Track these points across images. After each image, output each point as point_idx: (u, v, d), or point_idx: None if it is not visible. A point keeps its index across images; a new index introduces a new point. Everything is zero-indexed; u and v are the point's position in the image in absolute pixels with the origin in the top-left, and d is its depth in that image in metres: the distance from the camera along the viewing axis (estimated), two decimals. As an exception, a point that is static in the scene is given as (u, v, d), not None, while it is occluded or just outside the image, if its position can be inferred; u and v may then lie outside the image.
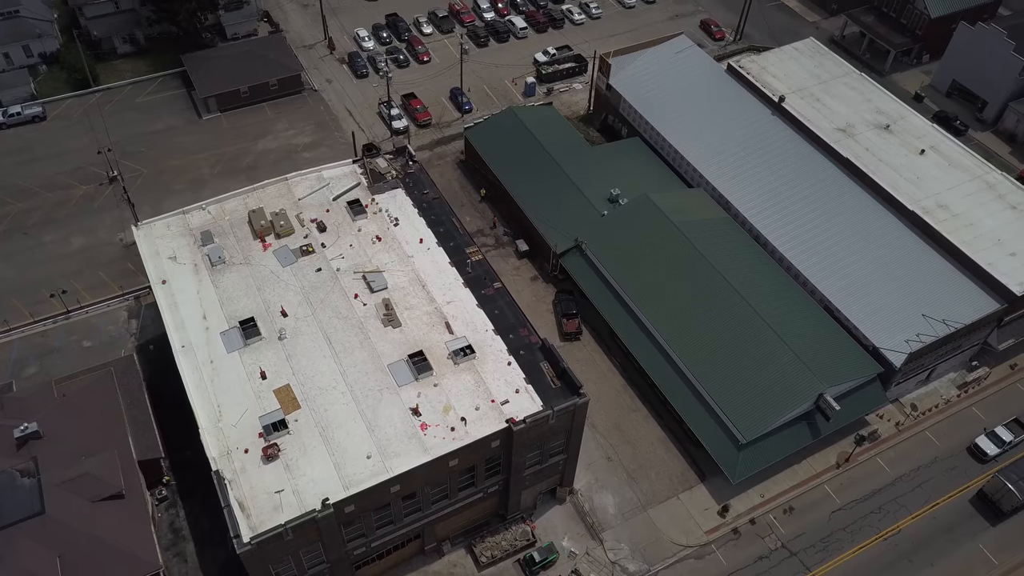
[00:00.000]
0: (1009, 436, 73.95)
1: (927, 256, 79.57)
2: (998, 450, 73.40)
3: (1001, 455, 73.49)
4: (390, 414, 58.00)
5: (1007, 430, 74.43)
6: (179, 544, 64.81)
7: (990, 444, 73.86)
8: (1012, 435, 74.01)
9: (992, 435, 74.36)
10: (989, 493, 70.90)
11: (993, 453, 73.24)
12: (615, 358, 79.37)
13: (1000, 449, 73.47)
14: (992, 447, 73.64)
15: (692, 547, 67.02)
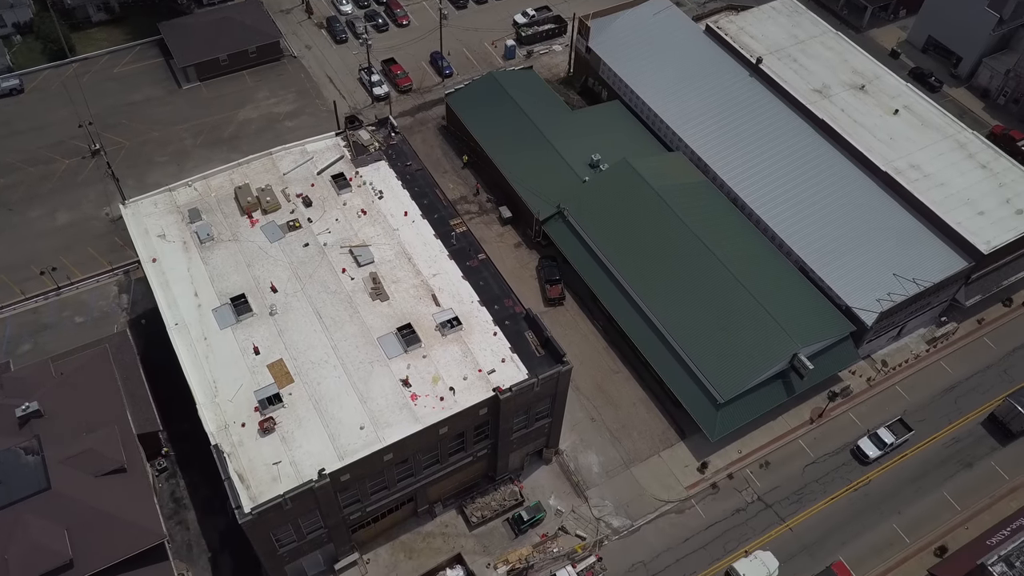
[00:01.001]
0: (891, 438, 72.69)
1: (899, 216, 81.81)
2: (879, 452, 72.20)
3: (883, 457, 72.72)
4: (381, 385, 60.12)
5: (889, 432, 73.17)
6: (180, 512, 67.32)
7: (871, 446, 72.67)
8: (894, 436, 72.77)
9: (874, 437, 73.19)
10: (1000, 416, 75.28)
11: (874, 455, 72.04)
12: (597, 322, 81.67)
13: (881, 451, 72.30)
14: (874, 449, 72.49)
15: (673, 502, 70.25)
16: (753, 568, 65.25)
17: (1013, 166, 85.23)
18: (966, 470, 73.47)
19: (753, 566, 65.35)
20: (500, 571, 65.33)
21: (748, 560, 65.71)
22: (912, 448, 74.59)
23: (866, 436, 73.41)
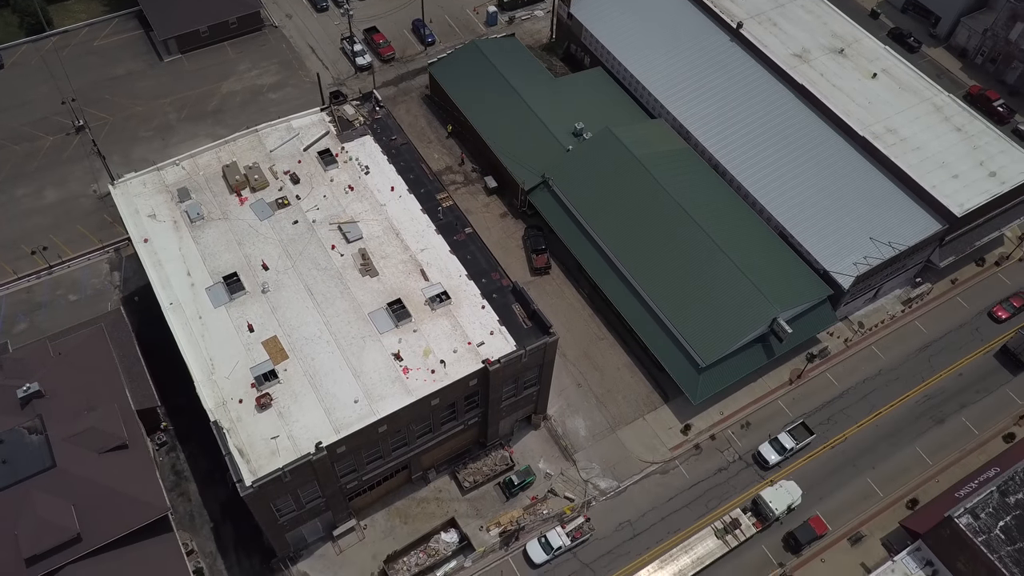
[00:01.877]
0: (792, 443, 72.41)
1: (876, 180, 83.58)
2: (780, 457, 71.92)
3: (784, 462, 72.50)
4: (374, 360, 61.96)
5: (790, 436, 72.84)
6: (182, 485, 69.48)
7: (772, 451, 72.33)
8: (795, 441, 72.54)
9: (775, 442, 72.81)
10: (1012, 348, 79.99)
11: (774, 460, 71.77)
12: (583, 290, 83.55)
13: (782, 456, 72.03)
14: (774, 454, 72.12)
15: (657, 463, 72.99)
16: (778, 496, 69.40)
17: (987, 128, 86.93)
18: (938, 426, 76.49)
19: (779, 494, 69.55)
20: (492, 533, 68.09)
21: (773, 489, 69.86)
22: (887, 406, 77.44)
23: (767, 442, 72.89)
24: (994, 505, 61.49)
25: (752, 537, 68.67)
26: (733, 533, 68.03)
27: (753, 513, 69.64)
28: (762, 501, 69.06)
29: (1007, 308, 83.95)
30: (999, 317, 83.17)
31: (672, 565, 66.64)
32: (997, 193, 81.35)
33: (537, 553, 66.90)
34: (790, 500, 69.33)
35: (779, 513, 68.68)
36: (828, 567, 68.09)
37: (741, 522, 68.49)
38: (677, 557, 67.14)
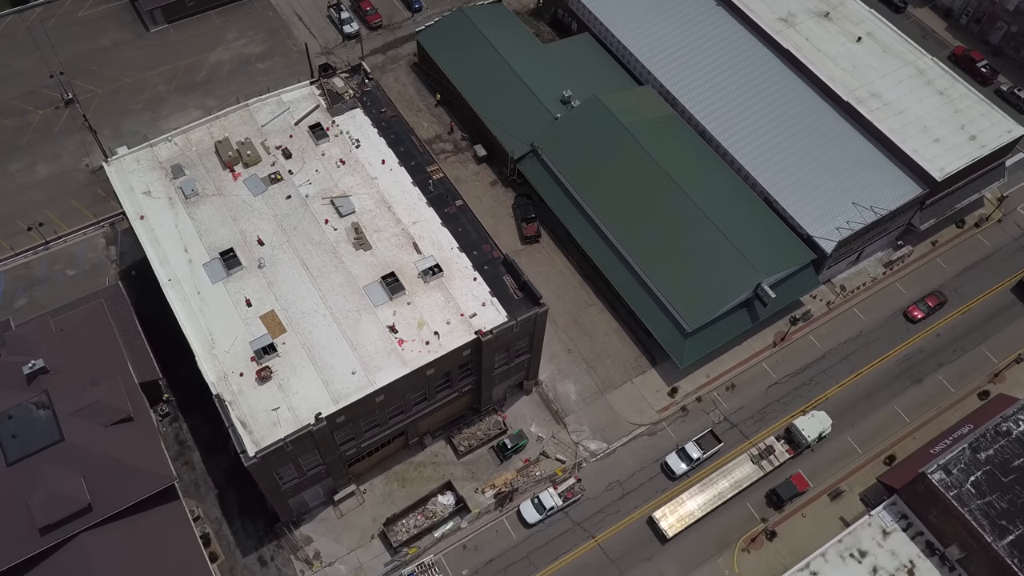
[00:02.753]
0: (699, 452, 72.19)
1: (859, 144, 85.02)
2: (686, 467, 71.83)
3: (691, 471, 72.41)
4: (369, 332, 63.84)
5: (697, 446, 72.51)
6: (186, 454, 71.77)
7: (679, 462, 72.16)
8: (702, 451, 72.28)
9: (682, 452, 72.66)
10: None
11: (680, 472, 71.65)
12: (572, 257, 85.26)
13: (688, 467, 71.93)
14: (681, 465, 71.96)
15: (646, 425, 75.59)
16: (811, 424, 73.70)
17: (969, 91, 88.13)
18: (916, 385, 79.21)
19: (811, 423, 73.71)
20: (487, 495, 70.81)
21: (807, 418, 74.06)
22: (867, 366, 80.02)
23: (674, 452, 72.75)
24: (966, 461, 64.36)
25: (785, 463, 72.79)
26: (768, 459, 72.53)
27: (786, 441, 74.04)
28: (795, 429, 73.46)
29: (921, 308, 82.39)
30: (914, 317, 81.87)
31: (712, 488, 70.99)
32: (977, 156, 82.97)
33: (530, 513, 69.73)
34: (821, 428, 73.57)
35: (811, 440, 73.04)
36: (809, 521, 71.23)
37: (775, 449, 73.00)
38: (716, 481, 71.41)
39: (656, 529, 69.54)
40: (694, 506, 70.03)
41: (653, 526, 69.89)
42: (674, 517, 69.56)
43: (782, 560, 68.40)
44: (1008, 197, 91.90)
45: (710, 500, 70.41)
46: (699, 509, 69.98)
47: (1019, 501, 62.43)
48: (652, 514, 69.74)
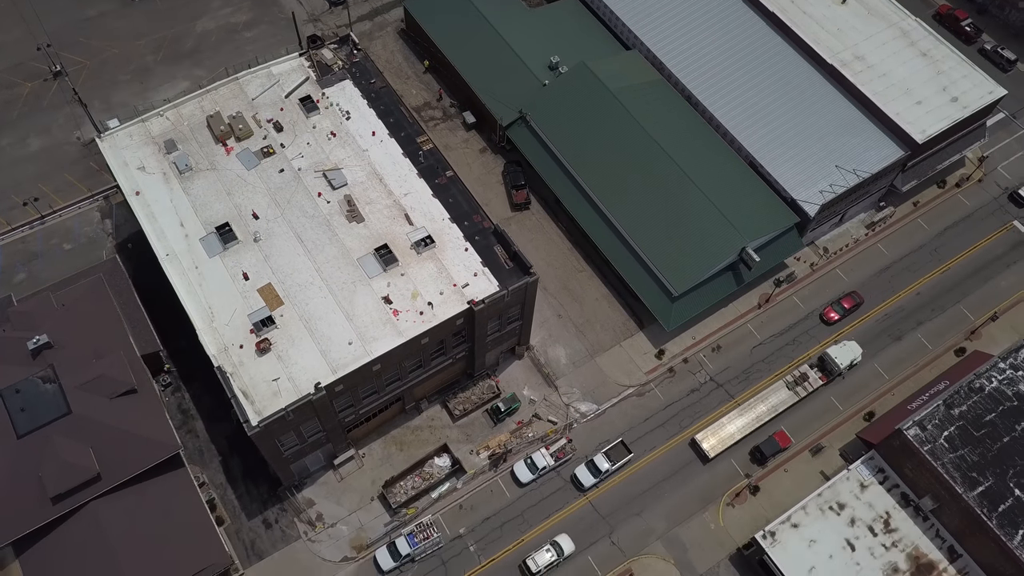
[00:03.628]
0: (607, 464, 71.53)
1: (842, 108, 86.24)
2: (594, 480, 71.42)
3: (601, 482, 71.93)
4: (365, 303, 65.62)
5: (605, 458, 71.85)
6: (189, 423, 73.97)
7: (587, 474, 71.69)
8: (611, 463, 71.58)
9: (590, 464, 71.96)
10: None
11: (589, 484, 71.30)
12: (562, 224, 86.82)
13: (597, 479, 71.49)
14: (589, 477, 71.55)
15: (634, 386, 78.05)
16: (843, 353, 77.71)
17: (952, 53, 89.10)
18: (895, 343, 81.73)
19: (843, 351, 77.76)
20: (482, 456, 73.44)
21: (839, 347, 78.01)
22: (849, 324, 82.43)
23: (583, 464, 72.33)
24: (940, 417, 67.11)
25: (818, 389, 77.03)
26: (802, 385, 76.47)
27: (819, 368, 77.97)
28: (828, 357, 77.43)
29: (837, 310, 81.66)
30: (829, 319, 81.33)
31: (750, 412, 75.32)
32: (958, 118, 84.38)
33: (524, 473, 72.45)
34: (852, 356, 77.48)
35: (843, 368, 76.92)
36: (790, 476, 74.25)
37: (809, 376, 76.88)
38: (754, 406, 75.65)
39: (698, 450, 74.24)
40: (734, 429, 74.56)
41: (695, 448, 74.40)
42: (715, 439, 74.07)
43: (765, 513, 71.51)
44: (988, 157, 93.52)
45: (748, 423, 74.90)
46: (738, 431, 74.50)
47: (989, 454, 65.36)
48: (695, 436, 74.30)
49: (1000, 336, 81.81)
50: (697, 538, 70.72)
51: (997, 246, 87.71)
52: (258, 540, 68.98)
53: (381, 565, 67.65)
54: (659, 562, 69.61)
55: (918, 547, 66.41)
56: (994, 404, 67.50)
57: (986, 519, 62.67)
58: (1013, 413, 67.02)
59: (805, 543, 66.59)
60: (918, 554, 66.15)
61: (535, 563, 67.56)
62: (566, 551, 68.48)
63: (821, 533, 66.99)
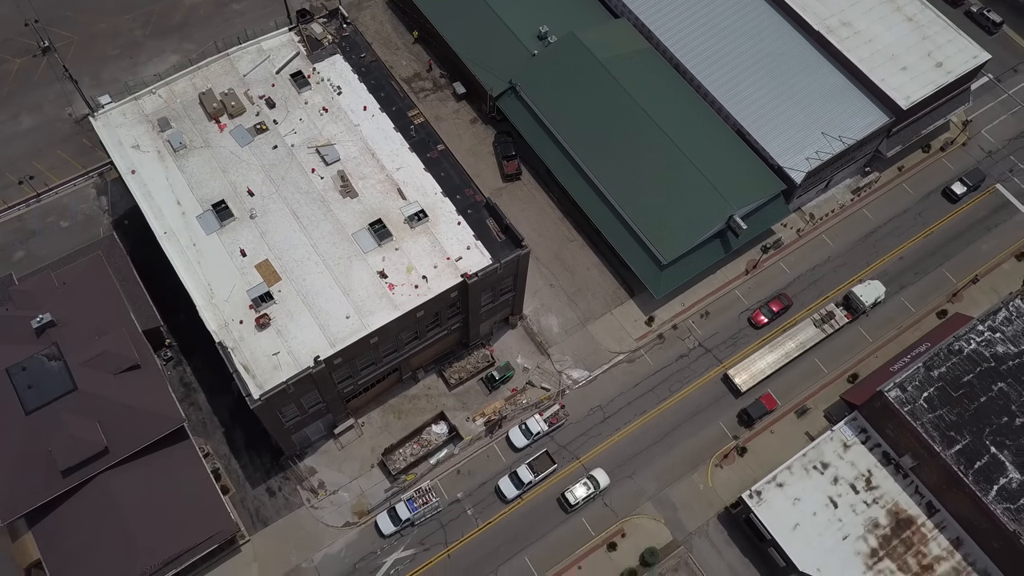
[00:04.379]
0: (530, 476, 71.71)
1: (828, 74, 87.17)
2: (517, 491, 71.58)
3: (524, 492, 72.08)
4: (361, 278, 67.12)
5: (529, 470, 72.06)
6: (191, 395, 75.82)
7: (510, 486, 71.79)
8: (534, 475, 71.83)
9: (514, 476, 72.02)
10: None
11: (512, 495, 71.42)
12: (553, 194, 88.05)
13: (520, 491, 71.65)
14: (512, 489, 71.59)
15: (624, 353, 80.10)
16: (868, 291, 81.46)
17: (937, 17, 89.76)
18: (879, 306, 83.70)
19: (868, 289, 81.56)
20: (478, 423, 75.65)
21: (863, 285, 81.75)
22: (833, 290, 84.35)
23: (506, 476, 72.28)
24: (920, 379, 69.40)
25: (844, 327, 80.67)
26: (829, 323, 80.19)
27: (844, 307, 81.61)
28: (853, 296, 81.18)
29: (765, 314, 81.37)
30: (758, 323, 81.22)
31: (780, 349, 79.23)
32: (942, 84, 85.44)
33: (518, 438, 74.75)
34: (876, 295, 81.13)
35: (867, 306, 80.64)
36: (777, 437, 76.76)
37: (835, 314, 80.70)
38: (783, 343, 79.50)
39: (731, 385, 77.98)
40: (764, 364, 78.44)
41: (728, 383, 78.17)
42: (747, 374, 77.96)
43: (752, 474, 74.14)
44: (972, 121, 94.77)
45: (778, 359, 78.72)
46: (769, 367, 78.38)
47: (967, 414, 67.82)
48: (727, 372, 78.11)
49: (981, 298, 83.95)
50: (687, 498, 73.39)
51: (979, 209, 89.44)
52: (262, 508, 71.34)
53: (382, 530, 70.18)
54: (650, 522, 72.33)
55: (898, 503, 69.18)
56: (972, 365, 69.79)
57: (963, 476, 65.29)
58: (990, 374, 69.37)
59: (790, 501, 69.27)
60: (898, 510, 68.93)
61: (573, 495, 71.55)
62: (602, 484, 72.37)
63: (805, 491, 69.64)
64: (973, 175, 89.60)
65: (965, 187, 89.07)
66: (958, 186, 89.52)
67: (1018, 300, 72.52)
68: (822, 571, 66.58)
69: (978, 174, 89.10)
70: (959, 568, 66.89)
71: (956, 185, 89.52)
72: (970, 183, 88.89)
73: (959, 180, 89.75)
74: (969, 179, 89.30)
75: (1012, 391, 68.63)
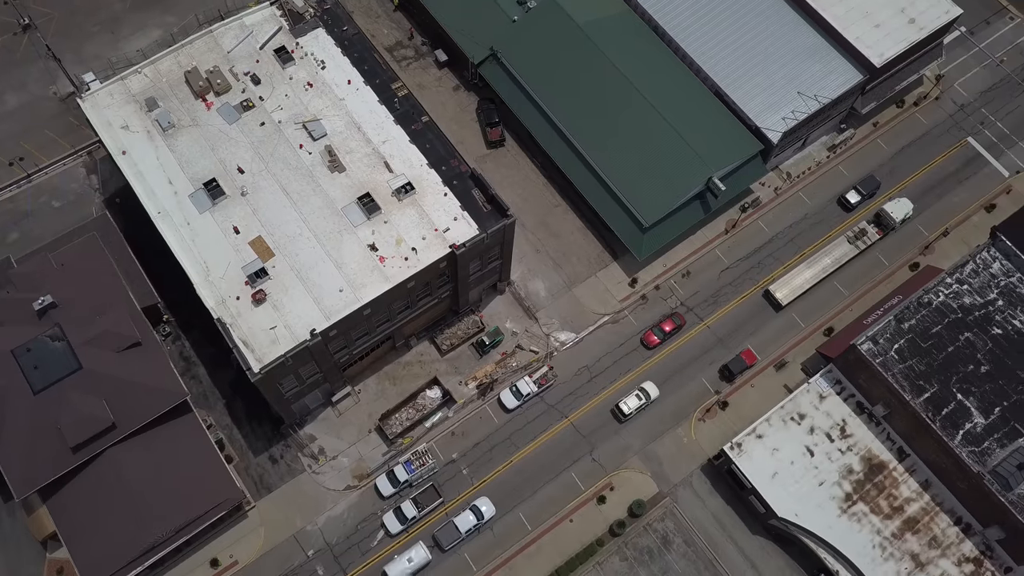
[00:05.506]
0: (413, 512, 71.67)
1: (804, 34, 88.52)
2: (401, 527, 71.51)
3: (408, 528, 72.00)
4: (352, 251, 69.16)
5: (413, 505, 71.96)
6: (192, 369, 78.24)
7: (395, 521, 71.78)
8: (418, 510, 71.78)
9: (398, 511, 71.86)
10: None
11: (397, 530, 71.39)
12: (536, 160, 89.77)
13: (403, 526, 71.49)
14: (396, 524, 71.55)
15: (609, 314, 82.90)
16: (897, 208, 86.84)
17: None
18: (854, 260, 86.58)
19: (897, 206, 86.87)
20: (470, 387, 78.61)
21: (893, 202, 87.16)
22: (810, 247, 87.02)
23: (391, 511, 72.19)
24: (891, 331, 72.63)
25: (875, 243, 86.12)
26: (862, 240, 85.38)
27: (875, 224, 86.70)
28: (884, 213, 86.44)
29: (657, 334, 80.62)
30: (650, 343, 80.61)
31: (817, 265, 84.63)
32: (915, 40, 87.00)
33: (509, 400, 77.85)
34: (905, 211, 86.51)
35: (897, 222, 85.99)
36: (757, 390, 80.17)
37: (867, 231, 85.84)
38: (820, 259, 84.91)
39: (772, 300, 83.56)
40: (802, 280, 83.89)
41: (769, 298, 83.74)
42: (787, 289, 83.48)
43: (733, 427, 77.68)
44: (945, 75, 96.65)
45: (815, 274, 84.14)
46: (806, 282, 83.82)
47: (935, 363, 71.27)
48: (768, 287, 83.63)
49: (952, 250, 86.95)
50: (671, 452, 77.00)
51: (951, 163, 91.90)
52: (266, 475, 74.43)
53: (382, 491, 73.50)
54: (637, 475, 75.98)
55: (870, 450, 72.99)
56: (940, 317, 73.03)
57: (931, 422, 68.96)
58: (957, 324, 72.66)
59: (769, 452, 72.94)
60: (870, 456, 72.76)
61: (627, 406, 77.20)
62: (652, 396, 77.94)
63: (783, 442, 73.29)
64: (867, 183, 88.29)
65: (860, 195, 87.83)
66: (853, 195, 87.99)
67: (984, 252, 75.52)
68: (799, 516, 70.57)
69: (872, 182, 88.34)
70: (928, 508, 71.04)
71: (851, 194, 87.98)
72: (864, 191, 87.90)
73: (854, 189, 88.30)
74: (863, 187, 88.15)
75: (978, 340, 72.04)
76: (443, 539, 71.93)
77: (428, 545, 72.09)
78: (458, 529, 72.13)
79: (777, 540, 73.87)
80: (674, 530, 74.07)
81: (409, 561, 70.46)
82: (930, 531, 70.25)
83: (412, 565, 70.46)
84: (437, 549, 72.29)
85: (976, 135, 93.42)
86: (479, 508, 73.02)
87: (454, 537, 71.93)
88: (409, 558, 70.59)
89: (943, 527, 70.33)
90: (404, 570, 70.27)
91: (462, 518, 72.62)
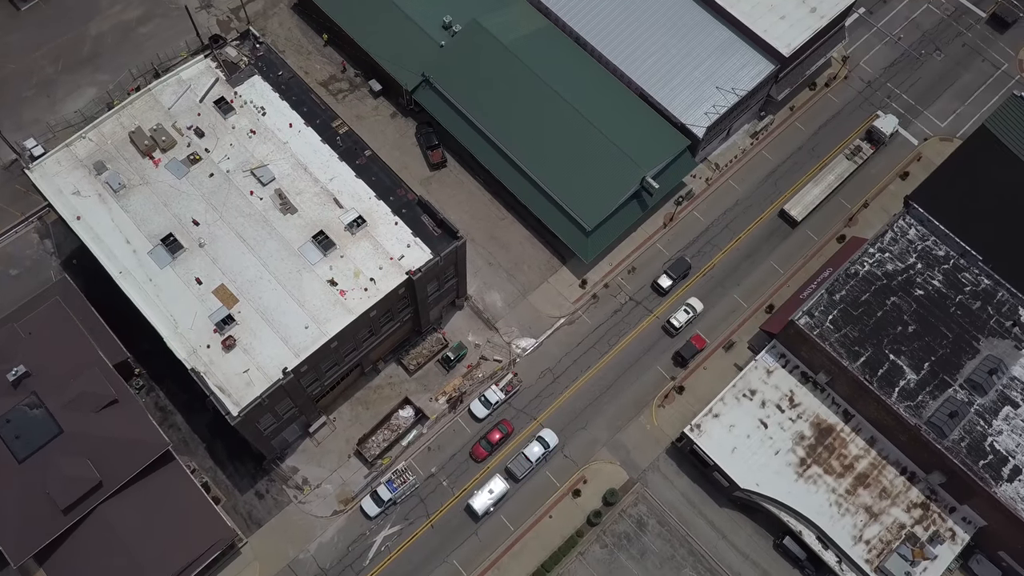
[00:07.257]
0: None
1: (716, 31, 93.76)
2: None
3: None
4: (313, 288, 72.19)
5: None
6: (169, 418, 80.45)
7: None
8: None
9: None
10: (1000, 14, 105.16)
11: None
12: (479, 177, 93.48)
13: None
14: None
15: (564, 316, 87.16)
16: (885, 123, 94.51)
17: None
18: (786, 239, 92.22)
19: (885, 122, 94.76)
20: (441, 402, 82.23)
21: (882, 119, 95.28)
22: (745, 231, 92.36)
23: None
24: (824, 304, 78.15)
25: (870, 158, 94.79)
26: (858, 155, 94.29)
27: (868, 140, 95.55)
28: (875, 129, 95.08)
29: (484, 447, 79.46)
30: (479, 456, 79.22)
31: (823, 181, 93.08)
32: (818, 27, 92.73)
33: (479, 409, 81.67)
34: (892, 126, 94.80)
35: (887, 136, 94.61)
36: (710, 372, 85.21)
37: (862, 147, 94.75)
38: (824, 177, 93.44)
39: (787, 218, 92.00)
40: (811, 197, 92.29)
41: (785, 216, 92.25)
42: (800, 206, 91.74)
43: (691, 408, 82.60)
44: (851, 55, 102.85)
45: (823, 190, 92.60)
46: (816, 198, 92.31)
47: (867, 329, 76.98)
48: (783, 207, 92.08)
49: (874, 219, 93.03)
50: (636, 440, 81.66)
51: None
52: (254, 510, 77.17)
53: (368, 512, 76.85)
54: (607, 465, 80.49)
55: (818, 415, 78.51)
56: (867, 285, 78.79)
57: (868, 383, 74.63)
58: (883, 290, 78.50)
59: (726, 429, 77.98)
60: (819, 421, 78.29)
61: (678, 320, 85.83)
62: (698, 309, 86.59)
63: (738, 418, 78.40)
64: (678, 266, 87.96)
65: (671, 279, 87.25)
66: (664, 279, 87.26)
67: (900, 220, 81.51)
68: (760, 485, 75.78)
69: (683, 264, 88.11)
70: (875, 463, 76.83)
71: (662, 279, 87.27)
72: (675, 275, 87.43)
73: (664, 273, 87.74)
74: (673, 271, 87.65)
75: (903, 303, 77.96)
76: (516, 469, 78.69)
77: (503, 477, 78.90)
78: (528, 459, 78.89)
79: (743, 510, 79.02)
80: (647, 513, 78.75)
81: (491, 493, 77.44)
82: (879, 483, 76.02)
83: (493, 496, 77.48)
84: (512, 480, 79.14)
85: (884, 108, 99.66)
86: (544, 438, 79.98)
87: (526, 467, 78.84)
88: (490, 490, 77.53)
89: (891, 478, 76.17)
90: (487, 501, 77.16)
91: (531, 448, 79.38)
